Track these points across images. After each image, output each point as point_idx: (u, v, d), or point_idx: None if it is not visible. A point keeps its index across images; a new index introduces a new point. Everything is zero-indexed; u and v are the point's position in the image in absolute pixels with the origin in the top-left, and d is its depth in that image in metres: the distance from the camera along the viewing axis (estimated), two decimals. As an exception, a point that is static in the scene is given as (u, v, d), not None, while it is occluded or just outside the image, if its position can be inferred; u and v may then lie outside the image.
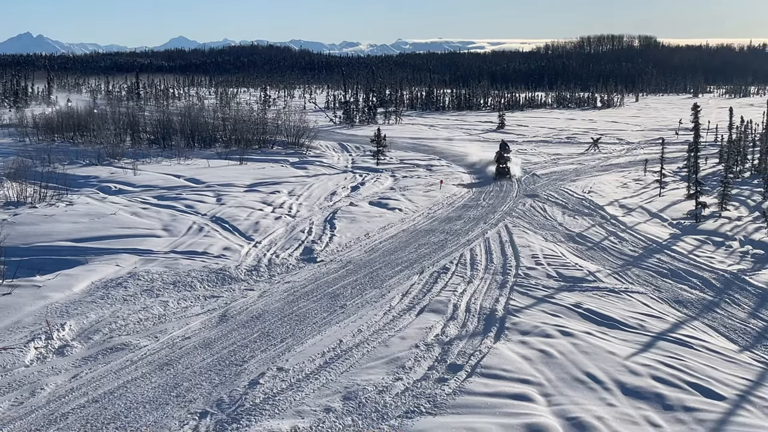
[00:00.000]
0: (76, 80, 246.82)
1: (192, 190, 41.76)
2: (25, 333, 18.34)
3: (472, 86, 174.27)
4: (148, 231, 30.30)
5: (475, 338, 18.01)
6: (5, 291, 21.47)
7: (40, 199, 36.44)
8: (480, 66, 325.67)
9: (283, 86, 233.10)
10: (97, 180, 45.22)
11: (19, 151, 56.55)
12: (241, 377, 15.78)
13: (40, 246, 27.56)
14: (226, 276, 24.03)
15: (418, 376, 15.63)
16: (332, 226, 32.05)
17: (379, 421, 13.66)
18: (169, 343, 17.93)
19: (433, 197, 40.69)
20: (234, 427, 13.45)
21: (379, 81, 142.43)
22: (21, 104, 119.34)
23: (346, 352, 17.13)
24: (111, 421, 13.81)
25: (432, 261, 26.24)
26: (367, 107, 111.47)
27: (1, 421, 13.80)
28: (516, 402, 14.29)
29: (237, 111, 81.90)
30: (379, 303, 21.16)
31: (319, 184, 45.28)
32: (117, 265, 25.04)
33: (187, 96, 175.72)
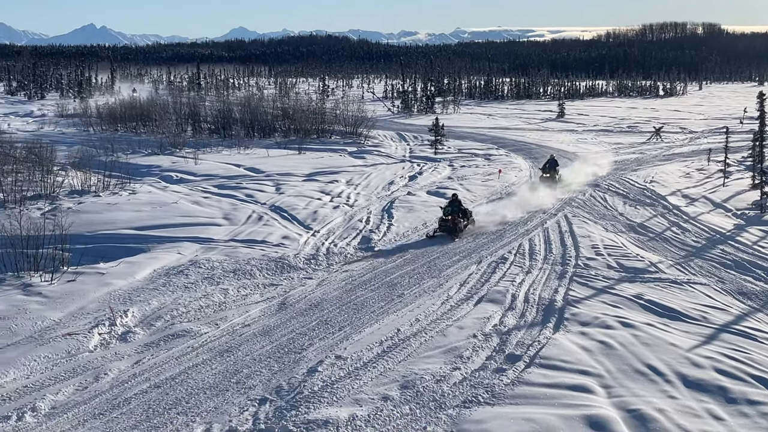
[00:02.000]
0: (139, 71, 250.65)
1: (252, 179, 42.12)
2: (90, 319, 18.73)
3: (531, 75, 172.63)
4: (209, 220, 30.68)
5: (534, 329, 17.88)
6: (70, 278, 21.93)
7: (104, 187, 37.09)
8: (540, 54, 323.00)
9: (341, 76, 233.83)
10: (159, 169, 45.86)
11: (83, 140, 57.56)
12: (300, 365, 15.90)
13: (103, 234, 28.10)
14: (284, 264, 24.22)
15: (476, 366, 15.57)
16: (390, 215, 32.09)
17: (436, 411, 13.65)
18: (230, 330, 18.15)
19: (491, 186, 40.45)
20: (293, 414, 13.56)
21: (438, 70, 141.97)
22: (85, 95, 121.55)
23: (404, 341, 17.14)
24: (172, 407, 14.04)
25: (490, 251, 26.10)
26: (425, 96, 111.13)
27: (66, 405, 14.11)
28: (575, 393, 14.15)
29: (296, 101, 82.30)
30: (437, 292, 21.13)
31: (376, 173, 45.32)
32: (179, 253, 25.41)
33: (246, 86, 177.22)
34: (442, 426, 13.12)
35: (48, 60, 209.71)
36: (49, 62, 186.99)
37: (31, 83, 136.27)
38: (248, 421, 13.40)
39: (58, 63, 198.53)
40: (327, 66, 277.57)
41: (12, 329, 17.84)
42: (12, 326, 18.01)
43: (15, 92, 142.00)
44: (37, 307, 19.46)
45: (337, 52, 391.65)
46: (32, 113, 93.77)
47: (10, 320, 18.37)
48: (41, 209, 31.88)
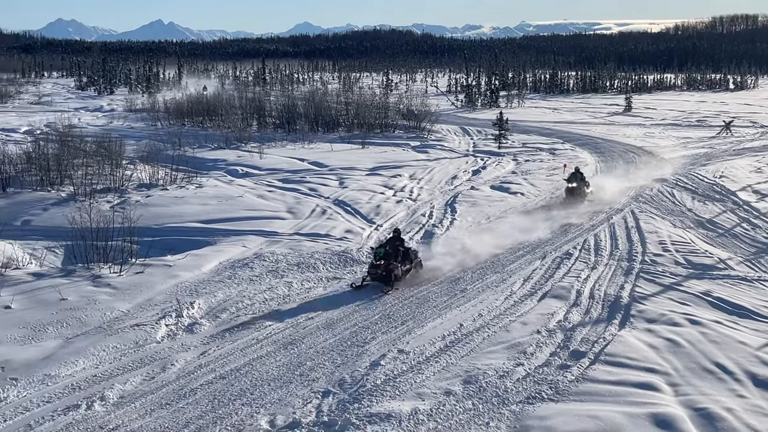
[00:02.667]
0: (205, 66, 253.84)
1: (315, 173, 42.37)
2: (157, 310, 19.07)
3: (597, 68, 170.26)
4: (274, 213, 30.98)
5: (599, 325, 17.66)
6: (138, 270, 22.34)
7: (171, 181, 37.68)
8: (606, 47, 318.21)
9: (404, 70, 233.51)
10: (224, 163, 46.40)
11: (151, 135, 58.62)
12: (363, 358, 15.96)
13: (171, 227, 28.59)
14: (348, 258, 24.32)
15: (540, 362, 15.45)
16: (453, 209, 31.99)
17: (499, 406, 13.58)
18: (294, 323, 18.29)
19: (556, 181, 40.00)
20: (356, 407, 13.61)
21: (502, 64, 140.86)
22: (153, 89, 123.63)
23: (467, 336, 17.08)
24: (237, 398, 14.21)
25: (555, 246, 25.83)
26: (489, 90, 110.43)
27: (134, 394, 14.38)
28: (641, 391, 13.94)
29: (359, 95, 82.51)
30: (500, 288, 21.00)
31: (440, 167, 45.21)
32: (244, 246, 25.71)
33: (311, 81, 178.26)
34: (505, 422, 13.05)
35: (117, 56, 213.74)
36: (118, 58, 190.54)
37: (100, 78, 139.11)
38: (311, 413, 13.49)
39: (126, 58, 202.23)
40: (390, 60, 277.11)
41: (82, 320, 18.25)
42: (82, 317, 18.42)
43: (85, 87, 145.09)
44: (106, 298, 19.88)
45: (401, 47, 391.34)
46: (102, 108, 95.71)
47: (80, 311, 18.80)
48: (110, 202, 32.53)
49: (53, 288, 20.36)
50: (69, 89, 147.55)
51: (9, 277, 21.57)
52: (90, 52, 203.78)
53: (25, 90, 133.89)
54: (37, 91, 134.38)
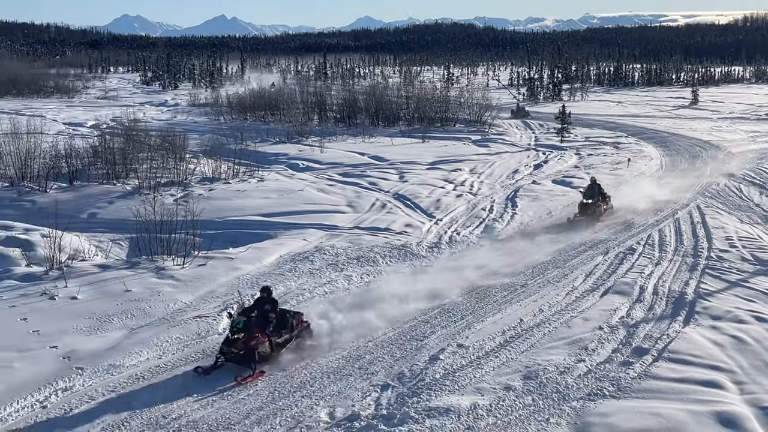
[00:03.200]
0: (267, 61, 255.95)
1: (375, 167, 42.43)
2: (219, 302, 19.30)
3: (663, 61, 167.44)
4: (334, 207, 31.11)
5: (663, 322, 17.36)
6: (201, 262, 22.64)
7: (233, 175, 38.06)
8: (672, 40, 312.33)
9: (466, 64, 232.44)
10: (286, 157, 46.73)
11: (214, 129, 59.29)
12: (422, 352, 15.94)
13: (233, 220, 28.91)
14: (407, 252, 24.32)
15: (602, 359, 15.25)
16: (514, 204, 31.76)
17: (560, 402, 13.44)
18: (353, 317, 18.30)
19: (620, 176, 39.44)
20: (414, 401, 13.61)
21: (565, 57, 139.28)
22: (216, 84, 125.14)
23: (527, 331, 16.95)
24: (297, 390, 14.31)
25: (618, 241, 25.47)
26: (551, 84, 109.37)
27: (196, 384, 14.57)
28: (705, 389, 13.68)
29: (420, 89, 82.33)
30: (561, 283, 20.79)
31: (501, 162, 44.92)
32: (304, 240, 25.87)
33: (372, 75, 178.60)
34: (565, 418, 12.92)
35: (181, 51, 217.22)
36: (182, 53, 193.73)
37: (165, 74, 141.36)
38: (370, 406, 13.52)
39: (190, 54, 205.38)
40: (452, 54, 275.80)
41: (146, 311, 18.56)
42: (146, 308, 18.74)
43: (150, 82, 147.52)
44: (169, 290, 20.19)
45: (463, 40, 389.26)
46: (166, 102, 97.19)
47: (144, 302, 19.12)
48: (174, 195, 33.00)
49: (118, 279, 20.76)
50: (134, 84, 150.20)
51: (76, 268, 22.04)
52: (155, 48, 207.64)
53: (91, 85, 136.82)
54: (103, 86, 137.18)
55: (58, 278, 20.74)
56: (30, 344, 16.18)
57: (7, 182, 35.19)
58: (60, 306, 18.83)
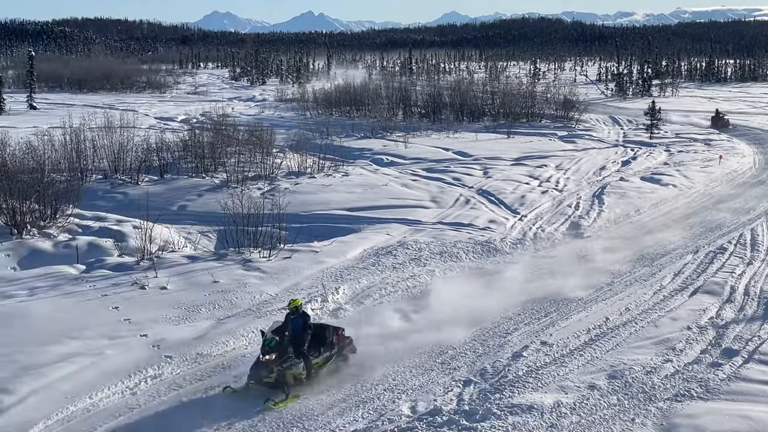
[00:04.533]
0: (353, 56, 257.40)
1: (459, 163, 42.28)
2: (303, 295, 19.51)
3: (758, 56, 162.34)
4: (417, 202, 31.15)
5: (754, 323, 16.90)
6: (286, 255, 22.94)
7: (319, 169, 38.43)
8: (767, 34, 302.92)
9: (553, 59, 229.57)
10: (370, 152, 46.92)
11: (300, 124, 59.98)
12: (505, 349, 15.86)
13: (317, 214, 29.22)
14: (491, 248, 24.19)
15: (690, 359, 14.93)
16: (600, 201, 31.26)
17: (646, 403, 13.21)
18: (436, 311, 18.30)
19: (710, 173, 38.44)
20: (497, 397, 13.55)
21: (655, 52, 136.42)
22: (303, 80, 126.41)
23: (613, 330, 16.70)
24: (379, 383, 14.42)
25: (708, 240, 24.86)
26: (640, 79, 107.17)
27: (280, 375, 14.78)
28: (798, 394, 13.28)
29: (506, 85, 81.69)
30: (649, 282, 20.41)
31: (587, 158, 44.23)
32: (387, 234, 25.97)
33: (457, 70, 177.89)
34: (651, 419, 12.70)
35: (269, 47, 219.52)
36: (270, 49, 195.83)
37: (253, 69, 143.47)
38: (452, 401, 13.52)
39: (278, 49, 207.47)
40: (539, 49, 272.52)
41: (233, 302, 18.92)
42: (233, 299, 19.11)
43: (239, 78, 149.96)
44: (255, 282, 20.53)
45: (550, 35, 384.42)
46: (254, 98, 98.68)
47: (231, 293, 19.50)
48: (261, 189, 33.49)
49: (206, 271, 21.21)
50: (223, 80, 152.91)
51: (165, 259, 22.61)
52: (243, 44, 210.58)
53: (182, 80, 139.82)
54: (193, 81, 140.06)
55: (149, 269, 21.30)
56: (121, 332, 16.68)
57: (101, 175, 36.29)
58: (150, 296, 19.35)
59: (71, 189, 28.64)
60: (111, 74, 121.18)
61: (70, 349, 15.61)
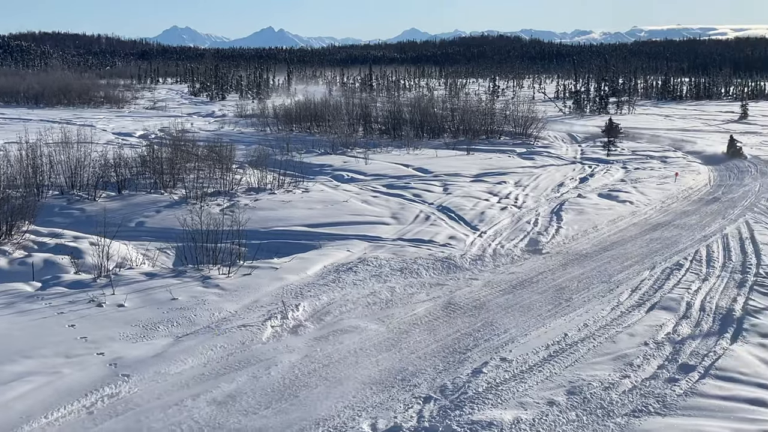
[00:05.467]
0: (314, 72, 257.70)
1: (420, 179, 42.48)
2: (263, 312, 19.41)
3: (712, 75, 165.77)
4: (378, 218, 31.19)
5: (710, 338, 17.13)
6: (246, 272, 22.81)
7: (279, 185, 38.36)
8: (722, 53, 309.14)
9: (512, 76, 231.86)
10: (330, 168, 47.00)
11: (260, 140, 59.82)
12: (465, 365, 15.89)
13: (277, 230, 29.12)
14: (451, 264, 24.26)
15: (647, 375, 15.09)
16: (559, 217, 31.55)
17: (604, 418, 13.32)
18: (396, 328, 18.35)
19: (667, 190, 39.03)
20: (457, 414, 13.57)
21: (612, 70, 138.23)
22: (263, 95, 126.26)
23: (571, 346, 16.82)
24: (339, 400, 14.33)
25: (664, 257, 25.18)
26: (598, 97, 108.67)
27: (239, 392, 14.68)
28: (753, 407, 13.47)
29: (465, 101, 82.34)
30: (607, 298, 20.60)
31: (546, 175, 44.68)
32: (348, 251, 25.95)
33: (417, 87, 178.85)
34: (609, 435, 12.80)
35: (229, 62, 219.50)
36: (230, 64, 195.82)
37: (213, 85, 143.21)
38: (413, 418, 13.51)
39: (238, 65, 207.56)
40: (498, 66, 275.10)
41: (191, 319, 18.75)
42: (192, 316, 18.93)
43: (198, 93, 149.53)
44: (214, 299, 20.36)
45: (508, 53, 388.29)
46: (213, 113, 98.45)
47: (189, 310, 19.31)
48: (220, 205, 33.33)
49: (164, 288, 20.99)
50: (182, 95, 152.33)
51: (123, 276, 22.35)
52: (203, 59, 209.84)
53: (140, 95, 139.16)
54: (152, 96, 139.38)
55: (106, 286, 21.04)
56: (77, 350, 16.42)
57: (58, 191, 35.88)
58: (107, 313, 19.10)
59: (27, 205, 28.29)
60: (68, 89, 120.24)
61: (25, 367, 15.33)
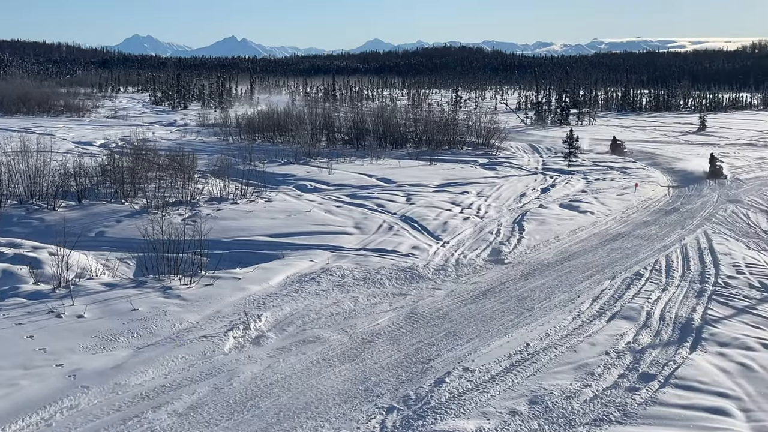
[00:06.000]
0: (277, 82, 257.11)
1: (383, 189, 42.50)
2: (225, 322, 19.28)
3: (671, 87, 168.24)
4: (341, 228, 31.14)
5: (670, 348, 17.33)
6: (208, 282, 22.65)
7: (241, 195, 38.13)
8: (680, 66, 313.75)
9: (474, 87, 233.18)
10: (294, 178, 46.88)
11: (222, 149, 59.53)
12: (428, 375, 15.91)
13: (240, 240, 28.95)
14: (414, 274, 24.30)
15: (608, 384, 15.22)
16: (521, 227, 31.74)
17: (566, 428, 13.40)
18: (359, 338, 18.33)
19: (627, 201, 39.44)
20: (420, 424, 13.58)
21: (573, 81, 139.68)
22: (225, 105, 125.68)
23: (533, 355, 16.92)
24: (302, 411, 14.28)
25: (624, 266, 25.44)
26: (559, 108, 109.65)
27: (200, 405, 14.56)
28: (712, 416, 13.64)
29: (428, 112, 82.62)
30: (568, 307, 20.76)
31: (508, 185, 44.94)
32: (311, 261, 25.88)
33: (380, 97, 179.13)
34: (570, 444, 12.88)
35: (191, 71, 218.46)
36: (192, 73, 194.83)
37: (174, 94, 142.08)
38: (375, 429, 13.49)
39: (200, 74, 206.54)
40: (460, 77, 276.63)
41: (152, 330, 18.56)
42: (152, 327, 18.74)
43: (159, 102, 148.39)
44: (175, 309, 20.18)
45: (471, 63, 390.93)
46: (175, 122, 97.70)
47: (150, 321, 19.12)
48: (182, 215, 33.06)
49: (125, 298, 20.77)
50: (144, 104, 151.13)
51: (83, 286, 22.07)
52: (165, 68, 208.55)
53: (101, 104, 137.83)
54: (113, 105, 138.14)
55: (65, 296, 20.77)
56: (36, 362, 16.18)
57: (16, 200, 35.35)
58: (66, 324, 18.84)
59: (-16, 215, 27.86)
60: (28, 97, 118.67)
61: (-18, 380, 15.09)
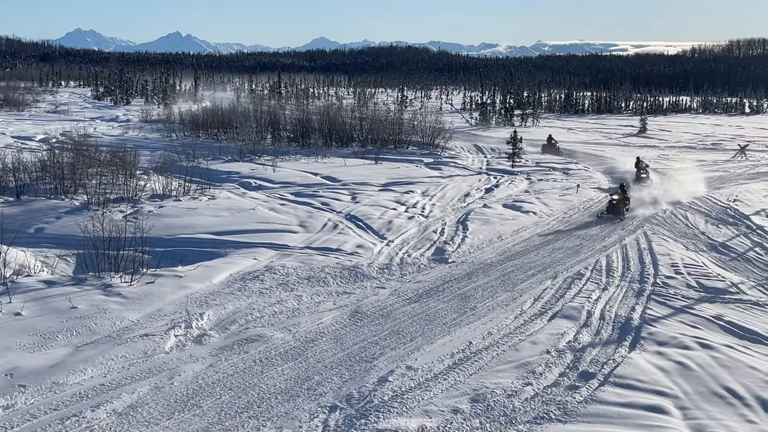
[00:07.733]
0: (221, 78, 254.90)
1: (328, 187, 42.41)
2: (167, 321, 19.07)
3: (613, 89, 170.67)
4: (285, 226, 31.00)
5: (609, 347, 17.58)
6: (149, 280, 22.37)
7: (185, 192, 37.75)
8: (622, 69, 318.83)
9: (420, 87, 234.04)
10: (238, 176, 46.54)
11: (166, 146, 58.83)
12: (371, 374, 15.92)
13: (183, 238, 28.64)
14: (358, 273, 24.29)
15: (549, 382, 15.39)
16: (465, 227, 31.92)
17: (507, 426, 13.52)
18: (302, 337, 18.27)
19: (569, 201, 39.90)
20: (362, 423, 13.58)
21: (517, 83, 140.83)
22: (169, 101, 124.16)
23: (476, 354, 17.03)
24: (244, 410, 14.18)
25: (566, 266, 25.75)
26: (503, 109, 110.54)
27: (140, 404, 14.37)
28: (650, 414, 13.87)
29: (374, 111, 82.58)
30: (510, 306, 20.94)
31: (452, 185, 45.16)
32: (254, 259, 25.72)
33: (326, 95, 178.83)
34: (512, 441, 12.98)
35: (134, 67, 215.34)
36: (135, 69, 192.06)
37: (117, 89, 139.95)
38: (318, 428, 13.46)
39: (143, 69, 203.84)
40: (406, 77, 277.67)
41: (91, 328, 18.27)
42: (92, 325, 18.45)
43: (102, 97, 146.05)
44: (116, 308, 19.89)
45: (417, 63, 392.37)
46: (117, 118, 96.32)
47: (90, 319, 18.82)
48: (123, 212, 32.62)
49: (64, 296, 20.41)
50: (86, 99, 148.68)
51: (20, 284, 21.64)
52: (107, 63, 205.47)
53: (42, 99, 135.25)
54: (53, 100, 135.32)
55: (2, 294, 20.31)
56: (-29, 361, 15.83)
57: (-48, 195, 34.54)
58: (3, 322, 18.45)
59: None
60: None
61: None
